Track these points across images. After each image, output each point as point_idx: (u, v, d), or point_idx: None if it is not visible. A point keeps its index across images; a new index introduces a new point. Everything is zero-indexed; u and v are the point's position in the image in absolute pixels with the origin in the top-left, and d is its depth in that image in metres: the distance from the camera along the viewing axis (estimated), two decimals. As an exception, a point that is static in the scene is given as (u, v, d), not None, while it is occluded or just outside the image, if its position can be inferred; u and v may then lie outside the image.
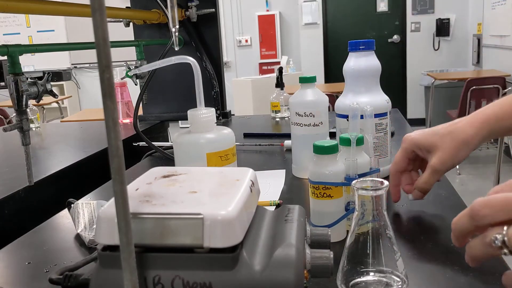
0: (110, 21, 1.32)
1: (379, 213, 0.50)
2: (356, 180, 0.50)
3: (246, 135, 1.41)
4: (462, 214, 0.43)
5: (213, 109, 0.69)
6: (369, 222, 0.50)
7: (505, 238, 0.38)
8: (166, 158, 1.16)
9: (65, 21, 6.19)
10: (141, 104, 1.28)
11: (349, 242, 0.51)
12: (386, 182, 0.49)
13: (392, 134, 1.28)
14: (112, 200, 0.33)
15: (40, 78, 0.89)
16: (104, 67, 0.28)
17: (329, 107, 0.95)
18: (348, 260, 0.51)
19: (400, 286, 0.49)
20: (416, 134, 0.72)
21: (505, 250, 0.39)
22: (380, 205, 0.50)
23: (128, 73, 1.32)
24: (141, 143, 1.32)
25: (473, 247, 0.42)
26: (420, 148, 0.71)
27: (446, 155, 0.67)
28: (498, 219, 0.39)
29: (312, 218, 0.67)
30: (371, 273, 0.50)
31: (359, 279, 0.50)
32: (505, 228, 0.39)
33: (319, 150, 0.64)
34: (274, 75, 1.87)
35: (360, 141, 0.67)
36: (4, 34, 6.23)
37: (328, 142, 0.65)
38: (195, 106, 0.68)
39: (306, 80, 0.92)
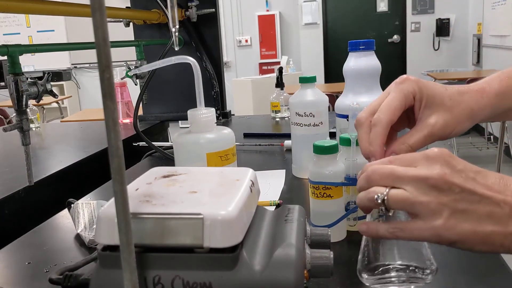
0: (110, 21, 1.32)
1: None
2: None
3: (246, 135, 1.41)
4: (361, 176, 0.49)
5: (213, 109, 0.69)
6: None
7: (385, 198, 0.45)
8: (166, 158, 1.16)
9: (65, 21, 6.20)
10: (141, 104, 1.28)
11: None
12: None
13: (392, 134, 1.28)
14: (112, 200, 0.33)
15: (40, 78, 0.89)
16: (104, 67, 0.28)
17: (329, 107, 0.95)
18: (371, 249, 0.50)
19: (428, 273, 0.48)
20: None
21: (382, 208, 0.45)
22: None
23: (128, 73, 1.32)
24: (141, 143, 1.32)
25: (360, 198, 0.48)
26: (422, 95, 0.54)
27: (452, 119, 0.54)
28: (383, 185, 0.46)
29: (312, 218, 0.67)
30: (397, 262, 0.49)
31: (384, 268, 0.49)
32: (387, 189, 0.45)
33: (319, 150, 0.64)
34: (274, 75, 1.87)
35: (360, 141, 0.67)
36: (4, 34, 6.23)
37: (328, 142, 0.65)
38: (195, 106, 0.68)
39: (306, 80, 0.92)
